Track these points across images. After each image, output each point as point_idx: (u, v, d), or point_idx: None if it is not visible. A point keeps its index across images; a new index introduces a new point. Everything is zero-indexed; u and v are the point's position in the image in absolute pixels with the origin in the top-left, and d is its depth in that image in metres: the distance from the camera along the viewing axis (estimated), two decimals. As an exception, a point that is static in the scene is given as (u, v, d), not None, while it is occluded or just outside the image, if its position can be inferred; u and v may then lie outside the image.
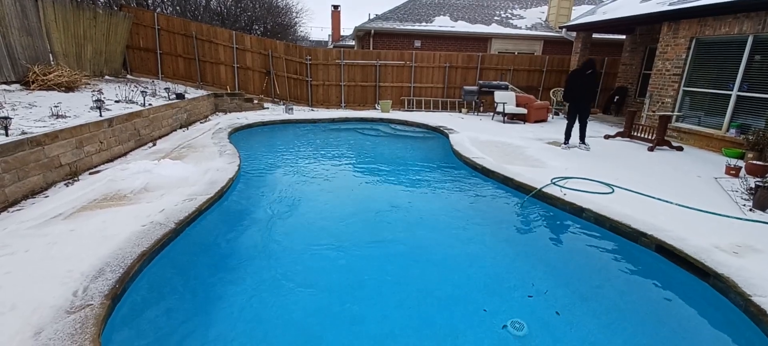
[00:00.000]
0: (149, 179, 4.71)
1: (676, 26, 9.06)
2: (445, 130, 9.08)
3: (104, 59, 10.19)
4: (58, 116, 5.87)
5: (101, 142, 5.93)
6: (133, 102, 7.95)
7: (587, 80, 7.68)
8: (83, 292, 2.50)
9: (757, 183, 4.89)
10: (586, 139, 8.09)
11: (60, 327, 2.18)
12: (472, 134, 8.86)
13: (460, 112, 13.46)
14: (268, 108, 12.17)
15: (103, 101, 6.75)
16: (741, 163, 6.58)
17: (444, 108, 14.01)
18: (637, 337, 2.72)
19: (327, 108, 13.27)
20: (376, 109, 13.35)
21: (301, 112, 11.48)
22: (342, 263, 3.51)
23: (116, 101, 7.80)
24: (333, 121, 10.68)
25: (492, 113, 12.28)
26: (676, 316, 3.02)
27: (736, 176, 6.19)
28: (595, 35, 13.80)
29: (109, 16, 10.10)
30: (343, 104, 13.56)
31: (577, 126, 7.96)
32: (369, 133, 9.94)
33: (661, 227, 3.90)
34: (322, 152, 8.02)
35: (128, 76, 11.42)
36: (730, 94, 7.96)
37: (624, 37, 13.11)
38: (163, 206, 3.94)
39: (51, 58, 8.48)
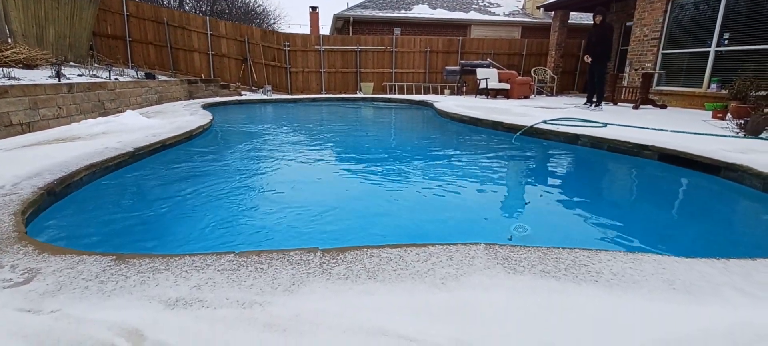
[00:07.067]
0: (109, 127, 4.27)
1: (651, -9, 9.16)
2: (430, 102, 8.88)
3: (68, 44, 9.59)
4: (10, 78, 5.38)
5: (59, 108, 5.40)
6: (98, 77, 7.46)
7: (596, 31, 7.41)
8: (12, 186, 2.08)
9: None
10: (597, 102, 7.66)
11: (-26, 207, 1.77)
12: (457, 103, 8.67)
13: (443, 94, 13.33)
14: (245, 95, 11.73)
15: (63, 73, 6.28)
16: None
17: (426, 92, 13.84)
18: (651, 225, 2.47)
19: (307, 95, 12.91)
20: (358, 94, 13.08)
21: (279, 97, 11.10)
22: (329, 195, 3.12)
23: (79, 75, 7.28)
24: (314, 100, 10.35)
25: (475, 93, 12.19)
26: (690, 205, 2.80)
27: (723, 119, 6.15)
28: (572, 21, 13.93)
29: (72, -2, 9.54)
30: (323, 91, 13.23)
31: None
32: (351, 107, 9.64)
33: (662, 141, 3.72)
34: (303, 117, 7.64)
35: (95, 64, 10.82)
36: (709, 51, 8.03)
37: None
38: (121, 139, 3.51)
39: (9, 41, 7.90)
